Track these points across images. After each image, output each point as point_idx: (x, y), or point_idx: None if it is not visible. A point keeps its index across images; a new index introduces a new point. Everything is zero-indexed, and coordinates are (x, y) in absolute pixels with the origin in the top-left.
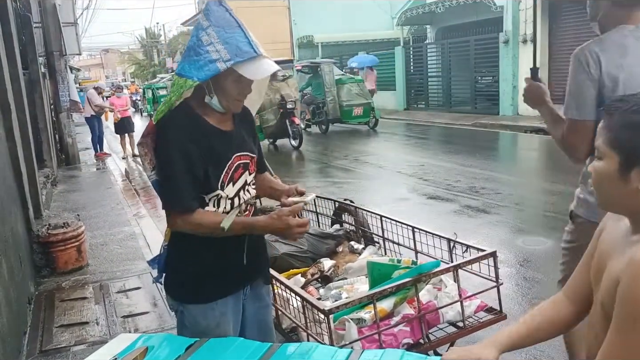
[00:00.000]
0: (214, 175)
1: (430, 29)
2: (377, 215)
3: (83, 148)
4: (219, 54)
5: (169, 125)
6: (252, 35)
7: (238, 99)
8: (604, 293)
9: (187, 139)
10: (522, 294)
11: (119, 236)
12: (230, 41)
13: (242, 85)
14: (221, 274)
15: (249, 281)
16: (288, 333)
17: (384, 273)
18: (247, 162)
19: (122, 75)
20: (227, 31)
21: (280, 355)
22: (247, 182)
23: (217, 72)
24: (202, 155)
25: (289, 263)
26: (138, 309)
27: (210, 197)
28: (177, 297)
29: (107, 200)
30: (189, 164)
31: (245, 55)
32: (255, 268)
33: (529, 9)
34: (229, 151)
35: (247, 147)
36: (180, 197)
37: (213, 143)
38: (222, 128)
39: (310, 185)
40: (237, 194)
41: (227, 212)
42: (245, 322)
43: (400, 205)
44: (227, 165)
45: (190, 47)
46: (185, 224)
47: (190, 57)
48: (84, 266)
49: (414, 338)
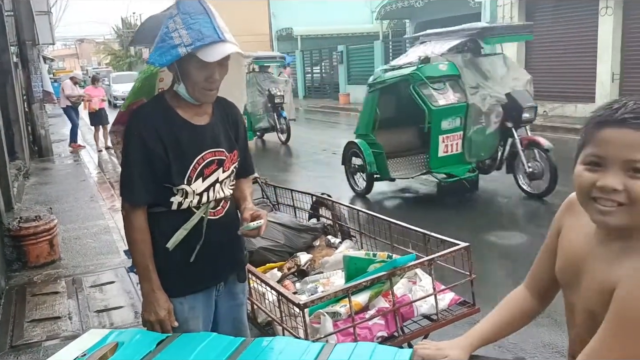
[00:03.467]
0: (178, 170)
1: (409, 23)
2: (354, 209)
3: (57, 140)
4: (182, 39)
5: (136, 115)
6: (221, 22)
7: (205, 87)
8: (593, 302)
9: (151, 131)
10: (495, 287)
11: (92, 230)
12: (193, 26)
13: (206, 72)
14: (189, 270)
15: (222, 279)
16: (264, 327)
17: (360, 267)
18: (223, 159)
19: (98, 65)
20: (192, 17)
21: (253, 350)
22: (220, 179)
23: (179, 57)
24: (165, 149)
25: (266, 257)
26: (112, 303)
27: (177, 189)
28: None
29: (81, 193)
30: (147, 157)
31: (207, 39)
32: (228, 267)
33: (506, 4)
34: (198, 146)
35: (225, 143)
36: (131, 188)
37: (180, 137)
38: (194, 122)
39: (291, 180)
40: (206, 190)
41: (195, 207)
42: (218, 318)
43: (378, 199)
44: (195, 161)
45: (159, 35)
46: (126, 215)
47: (157, 44)
48: (57, 260)
49: (388, 331)
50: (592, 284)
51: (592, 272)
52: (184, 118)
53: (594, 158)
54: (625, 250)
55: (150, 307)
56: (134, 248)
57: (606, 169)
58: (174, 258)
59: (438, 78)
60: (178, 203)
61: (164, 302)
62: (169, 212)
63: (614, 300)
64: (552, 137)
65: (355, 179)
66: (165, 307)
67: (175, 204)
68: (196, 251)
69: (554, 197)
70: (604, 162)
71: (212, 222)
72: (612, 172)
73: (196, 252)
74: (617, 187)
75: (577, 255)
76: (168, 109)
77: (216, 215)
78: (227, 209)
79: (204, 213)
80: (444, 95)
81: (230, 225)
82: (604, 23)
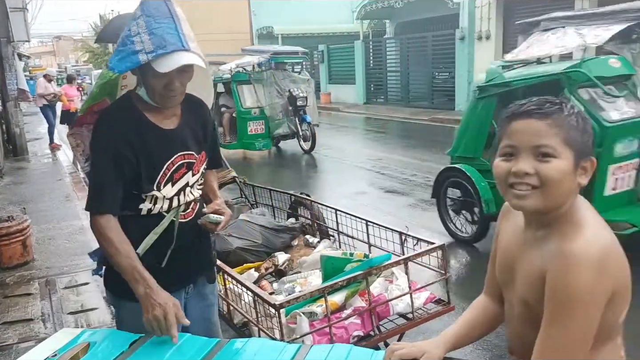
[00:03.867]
0: (148, 177)
1: (389, 23)
2: (332, 209)
3: (32, 139)
4: (143, 45)
5: (104, 120)
6: (186, 28)
7: (164, 94)
8: (525, 291)
9: (119, 137)
10: (470, 285)
11: (67, 230)
12: (157, 32)
13: (164, 80)
14: (158, 273)
15: (190, 281)
16: (240, 328)
17: (337, 266)
18: (192, 162)
19: (76, 63)
20: (156, 21)
21: (227, 351)
22: (190, 183)
23: (138, 65)
24: (135, 155)
25: (243, 257)
26: (87, 305)
27: (146, 195)
28: (114, 292)
29: (56, 193)
30: (116, 164)
31: (169, 47)
32: (197, 268)
33: (484, 6)
34: (168, 151)
35: (194, 146)
36: (100, 199)
37: (149, 143)
38: (162, 126)
39: (269, 179)
40: (176, 195)
41: (165, 211)
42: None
43: (359, 198)
44: (165, 166)
45: (121, 37)
46: (95, 227)
47: (118, 46)
48: (30, 261)
49: (364, 330)
50: (524, 275)
51: (523, 264)
52: (152, 122)
53: (508, 149)
54: (547, 237)
55: (149, 304)
56: (113, 251)
57: (518, 157)
58: (143, 261)
59: (610, 79)
60: (147, 209)
61: (167, 297)
62: (138, 216)
63: (546, 288)
64: None
65: (457, 221)
66: (171, 301)
67: (145, 210)
68: (167, 256)
69: None
70: (516, 151)
71: (182, 225)
72: (523, 158)
73: (158, 256)
74: (529, 171)
75: (510, 253)
76: (136, 113)
77: (186, 218)
78: (197, 211)
79: (174, 217)
80: (615, 105)
81: (200, 228)
82: None
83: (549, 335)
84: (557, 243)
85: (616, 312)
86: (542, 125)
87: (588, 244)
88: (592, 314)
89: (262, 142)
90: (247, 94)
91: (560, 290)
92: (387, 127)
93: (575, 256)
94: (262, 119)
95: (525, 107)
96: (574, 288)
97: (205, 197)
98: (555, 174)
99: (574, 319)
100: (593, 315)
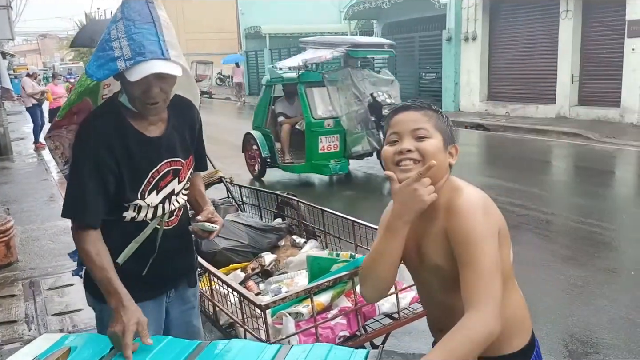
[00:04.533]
0: (131, 187)
1: (376, 24)
2: (319, 209)
3: (16, 138)
4: (122, 51)
5: (86, 127)
6: (168, 33)
7: (144, 100)
8: (435, 257)
9: (101, 146)
10: None
11: (51, 231)
12: (136, 37)
13: (142, 87)
14: (140, 279)
15: (172, 286)
16: (226, 329)
17: (323, 267)
18: (179, 168)
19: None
20: (136, 26)
21: (208, 352)
22: (175, 191)
23: (116, 72)
24: (117, 164)
25: (229, 258)
26: (72, 306)
27: (129, 204)
28: (93, 294)
29: (41, 193)
30: (98, 173)
31: (148, 55)
32: (179, 274)
33: (470, 7)
34: (153, 159)
35: (181, 152)
36: (82, 209)
37: (133, 152)
38: (147, 134)
39: (255, 180)
40: (161, 203)
41: (150, 219)
42: (170, 324)
43: (341, 200)
44: (149, 174)
45: (101, 40)
46: (74, 235)
47: (97, 51)
48: (13, 262)
49: (350, 330)
50: (431, 243)
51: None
52: (138, 130)
53: (393, 136)
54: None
55: (115, 319)
56: (90, 263)
57: (402, 140)
58: (124, 267)
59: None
60: (131, 218)
61: (134, 314)
62: (121, 222)
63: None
64: (513, 138)
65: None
66: (136, 317)
67: (128, 218)
68: (149, 263)
69: None
70: (399, 136)
71: (166, 232)
72: (405, 140)
73: (138, 262)
74: (411, 148)
75: (412, 237)
76: (121, 120)
77: (170, 225)
78: (181, 217)
79: (157, 224)
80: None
81: (184, 233)
82: (564, 26)
83: (468, 274)
84: (448, 205)
85: (505, 249)
86: (418, 115)
87: (470, 196)
88: (494, 245)
89: (337, 164)
90: (319, 100)
91: (465, 234)
92: None
93: (466, 205)
94: (338, 132)
95: (406, 104)
96: (474, 228)
97: (193, 201)
98: (431, 148)
99: (483, 252)
100: (494, 246)
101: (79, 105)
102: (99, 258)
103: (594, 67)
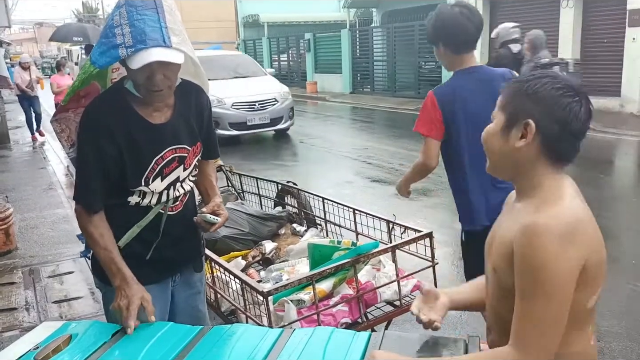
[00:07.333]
0: (135, 173)
1: (376, 12)
2: (319, 197)
3: (14, 127)
4: (123, 39)
5: (90, 112)
6: (171, 19)
7: (149, 88)
8: (495, 258)
9: (104, 132)
10: (457, 273)
11: (50, 219)
12: (137, 24)
13: (146, 73)
14: (144, 262)
15: (177, 270)
16: (227, 316)
17: (325, 254)
18: (184, 155)
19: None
20: (139, 12)
21: (211, 337)
22: (180, 178)
23: (118, 59)
24: (119, 151)
25: (230, 246)
26: (72, 294)
27: (134, 190)
28: (101, 277)
29: (39, 181)
30: (101, 159)
31: (149, 42)
32: (184, 258)
33: None
34: (157, 146)
35: (187, 139)
36: (86, 194)
37: (136, 138)
38: (152, 120)
39: (255, 168)
40: (166, 189)
41: (154, 204)
42: (175, 309)
43: (345, 188)
44: (153, 161)
45: (105, 26)
46: (78, 218)
47: (101, 37)
48: (13, 250)
49: (352, 317)
50: (499, 243)
51: (500, 231)
52: (142, 117)
53: None
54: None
55: (119, 294)
56: (93, 244)
57: None
58: (129, 250)
59: None
60: (135, 202)
61: (138, 290)
62: (125, 206)
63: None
64: None
65: None
66: (140, 293)
67: (133, 202)
68: (153, 248)
69: None
70: None
71: (171, 217)
72: None
73: (144, 246)
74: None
75: (497, 223)
76: (125, 108)
77: (174, 210)
78: (186, 202)
79: (161, 209)
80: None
81: (189, 218)
82: (565, 15)
83: (523, 312)
84: (527, 216)
85: (586, 293)
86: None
87: (553, 218)
88: (565, 289)
89: None
90: None
91: (529, 266)
92: (373, 117)
93: (538, 228)
94: None
95: None
96: (543, 265)
97: (203, 192)
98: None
99: (547, 298)
100: (566, 290)
101: (87, 88)
102: (102, 239)
103: (594, 57)
